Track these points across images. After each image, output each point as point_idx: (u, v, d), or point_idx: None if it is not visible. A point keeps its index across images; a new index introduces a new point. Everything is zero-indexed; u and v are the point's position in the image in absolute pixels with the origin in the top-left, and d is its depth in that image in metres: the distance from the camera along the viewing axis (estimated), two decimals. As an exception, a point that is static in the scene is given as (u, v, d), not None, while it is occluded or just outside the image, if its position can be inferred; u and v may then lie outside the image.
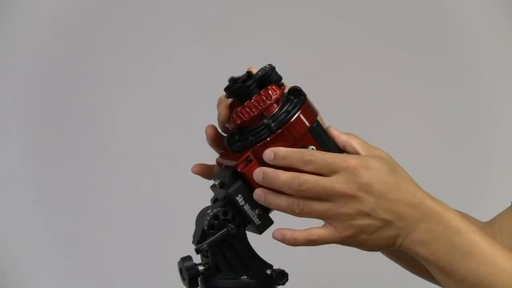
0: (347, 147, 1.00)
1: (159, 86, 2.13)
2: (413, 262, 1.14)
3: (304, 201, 0.95)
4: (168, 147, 2.11)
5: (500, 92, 2.15)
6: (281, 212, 1.01)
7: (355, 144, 1.00)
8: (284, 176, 0.95)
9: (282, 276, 1.00)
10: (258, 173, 0.97)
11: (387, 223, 0.95)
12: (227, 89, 1.00)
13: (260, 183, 0.97)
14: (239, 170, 0.98)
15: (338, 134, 1.00)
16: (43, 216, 2.12)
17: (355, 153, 0.99)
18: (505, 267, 0.95)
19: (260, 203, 0.98)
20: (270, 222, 1.01)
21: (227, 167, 1.01)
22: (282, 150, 0.97)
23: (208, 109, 1.08)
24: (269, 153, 0.97)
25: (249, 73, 1.00)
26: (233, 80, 1.00)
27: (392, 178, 0.96)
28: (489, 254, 0.95)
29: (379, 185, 0.94)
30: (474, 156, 2.16)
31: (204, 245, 0.99)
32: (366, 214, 0.94)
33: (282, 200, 0.97)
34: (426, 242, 0.95)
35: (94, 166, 2.12)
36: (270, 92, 0.99)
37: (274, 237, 0.97)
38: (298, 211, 0.96)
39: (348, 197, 0.94)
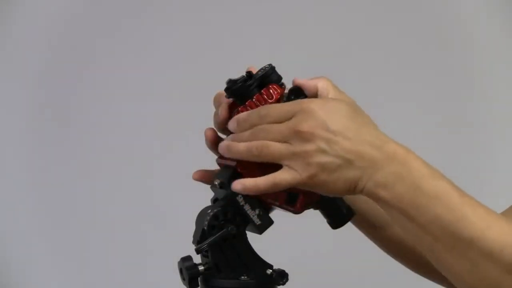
0: (319, 89, 0.98)
1: (160, 87, 2.13)
2: (413, 259, 1.14)
3: (262, 142, 0.94)
4: (168, 148, 2.12)
5: (500, 92, 2.16)
6: (281, 213, 1.01)
7: (325, 85, 0.98)
8: (247, 133, 0.95)
9: (282, 276, 1.00)
10: (232, 122, 0.97)
11: (347, 161, 0.91)
12: (227, 89, 1.00)
13: (233, 131, 0.97)
14: (239, 170, 0.98)
15: (306, 80, 0.99)
16: (43, 216, 2.12)
17: (325, 95, 0.97)
18: (471, 212, 0.92)
19: (225, 155, 0.98)
20: (270, 222, 1.01)
21: (227, 167, 1.01)
22: (242, 115, 0.96)
23: (208, 110, 1.08)
24: (232, 123, 0.97)
25: (249, 73, 1.00)
26: (232, 81, 1.00)
27: (352, 121, 0.93)
28: (456, 198, 0.92)
29: (336, 124, 0.92)
30: (474, 156, 2.16)
31: (204, 245, 0.99)
32: (323, 151, 0.91)
33: (241, 146, 0.95)
34: (389, 184, 0.92)
35: (94, 166, 2.13)
36: (271, 91, 0.99)
37: (234, 189, 0.96)
38: (257, 153, 0.94)
39: (303, 134, 0.92)
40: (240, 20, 2.15)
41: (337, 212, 1.04)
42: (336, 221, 1.04)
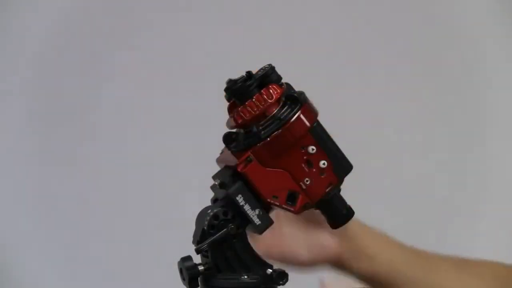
0: None
1: (162, 86, 2.14)
2: None
3: None
4: (168, 148, 2.12)
5: (501, 92, 2.17)
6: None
7: None
8: None
9: (282, 276, 1.01)
10: None
11: None
12: (227, 89, 1.01)
13: None
14: (239, 170, 0.98)
15: None
16: (43, 215, 2.13)
17: None
18: None
19: None
20: (270, 222, 1.01)
21: (227, 167, 1.02)
22: None
23: (209, 109, 1.09)
24: None
25: (249, 73, 1.01)
26: (231, 81, 1.00)
27: None
28: None
29: None
30: (475, 156, 2.18)
31: (205, 245, 0.99)
32: None
33: None
34: None
35: (94, 166, 2.13)
36: (271, 91, 0.99)
37: None
38: None
39: None
40: (239, 20, 2.15)
41: (337, 212, 1.04)
42: (335, 221, 1.04)
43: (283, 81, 1.02)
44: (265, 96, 0.99)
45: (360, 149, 2.04)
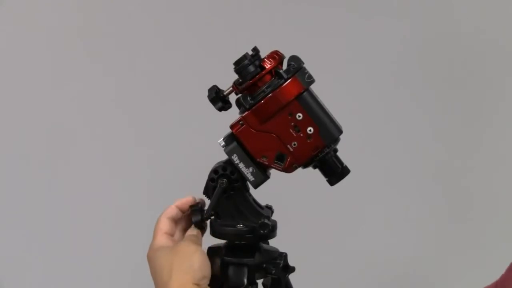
0: None
1: (163, 87, 2.11)
2: None
3: None
4: (167, 147, 2.12)
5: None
6: (281, 212, 1.20)
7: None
8: None
9: (263, 226, 1.14)
10: None
11: None
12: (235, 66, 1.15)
13: None
14: (233, 131, 1.12)
15: None
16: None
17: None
18: None
19: None
20: (264, 178, 1.13)
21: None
22: None
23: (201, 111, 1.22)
24: None
25: (254, 49, 1.14)
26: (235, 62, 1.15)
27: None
28: None
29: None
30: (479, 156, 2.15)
31: (208, 213, 1.15)
32: None
33: None
34: None
35: (91, 165, 2.12)
36: (264, 64, 1.13)
37: None
38: None
39: None
40: (237, 19, 2.11)
41: (332, 171, 1.15)
42: (331, 179, 1.16)
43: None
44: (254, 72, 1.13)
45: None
